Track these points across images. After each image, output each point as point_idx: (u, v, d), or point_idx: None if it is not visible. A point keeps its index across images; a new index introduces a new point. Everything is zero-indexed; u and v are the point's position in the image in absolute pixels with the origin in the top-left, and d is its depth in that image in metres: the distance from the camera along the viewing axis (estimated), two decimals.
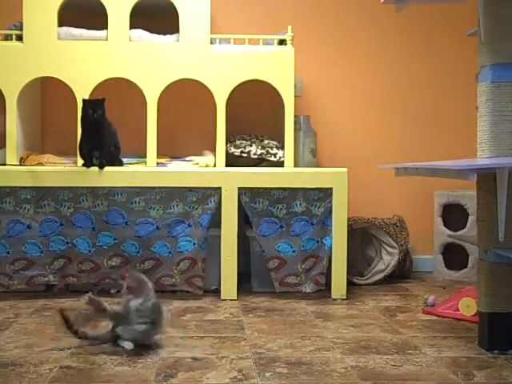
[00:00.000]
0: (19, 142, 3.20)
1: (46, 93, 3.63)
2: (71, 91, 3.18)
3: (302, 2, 3.79)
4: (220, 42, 3.31)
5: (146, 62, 3.23)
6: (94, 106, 3.01)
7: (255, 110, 3.64)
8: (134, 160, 3.27)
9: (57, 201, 3.04)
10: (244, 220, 3.19)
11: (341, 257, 3.09)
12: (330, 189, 3.11)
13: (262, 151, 3.34)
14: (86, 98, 3.10)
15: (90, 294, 2.31)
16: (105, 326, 2.36)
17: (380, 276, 3.48)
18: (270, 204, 3.11)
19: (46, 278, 3.05)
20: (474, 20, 2.38)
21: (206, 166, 3.26)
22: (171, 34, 3.30)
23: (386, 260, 3.50)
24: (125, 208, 3.05)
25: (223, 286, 3.07)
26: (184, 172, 3.13)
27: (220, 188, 3.07)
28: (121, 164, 3.17)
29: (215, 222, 3.08)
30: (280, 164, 3.30)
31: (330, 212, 3.11)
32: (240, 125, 3.47)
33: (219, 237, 3.07)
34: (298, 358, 2.21)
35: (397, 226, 3.54)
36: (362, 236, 3.58)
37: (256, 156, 3.33)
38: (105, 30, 3.23)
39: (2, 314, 2.76)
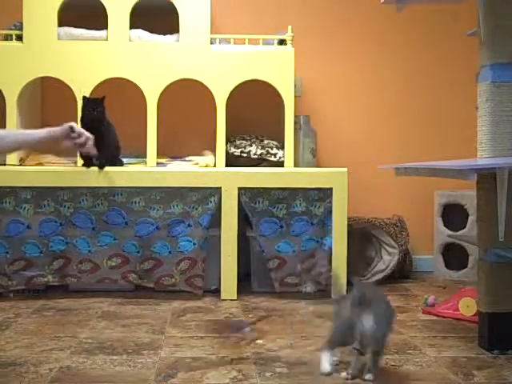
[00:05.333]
0: None
1: (46, 93, 3.62)
2: (71, 91, 3.18)
3: (302, 2, 3.79)
4: (220, 42, 3.30)
5: (146, 62, 3.23)
6: (93, 103, 3.02)
7: (255, 110, 3.64)
8: (134, 160, 3.27)
9: (57, 201, 3.04)
10: (244, 220, 3.19)
11: (341, 257, 3.09)
12: (330, 189, 3.11)
13: (262, 151, 3.34)
14: (87, 95, 3.10)
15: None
16: None
17: (380, 276, 3.48)
18: (270, 204, 3.11)
19: (46, 279, 3.05)
20: (474, 20, 2.38)
21: (206, 166, 3.26)
22: (171, 34, 3.30)
23: (386, 260, 3.50)
24: (125, 208, 3.05)
25: (223, 286, 3.07)
26: (184, 172, 3.13)
27: (220, 188, 3.07)
28: (121, 164, 3.17)
29: (215, 222, 3.08)
30: (280, 164, 3.30)
31: (330, 212, 3.11)
32: (240, 125, 3.47)
33: (219, 237, 3.07)
34: (298, 358, 2.21)
35: (397, 226, 3.54)
36: (361, 236, 3.58)
37: (256, 156, 3.33)
38: (105, 30, 3.23)
39: (2, 313, 2.76)
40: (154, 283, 3.10)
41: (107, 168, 3.05)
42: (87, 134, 2.41)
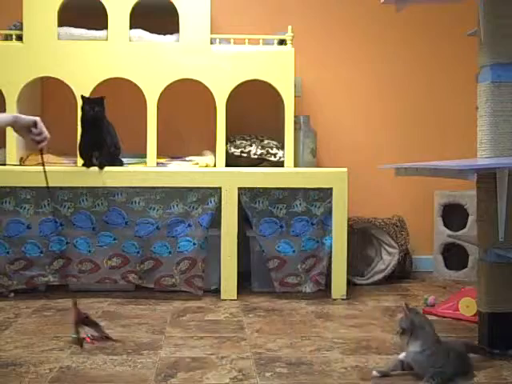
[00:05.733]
0: (19, 142, 3.20)
1: (46, 93, 3.62)
2: (71, 91, 3.18)
3: (302, 2, 3.79)
4: (220, 42, 3.30)
5: (146, 62, 3.23)
6: (93, 103, 3.02)
7: (255, 110, 3.64)
8: (134, 160, 3.27)
9: (57, 201, 3.04)
10: (244, 220, 3.19)
11: (341, 257, 3.09)
12: (330, 189, 3.11)
13: (262, 151, 3.34)
14: (85, 95, 3.10)
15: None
16: None
17: (380, 276, 3.48)
18: (270, 204, 3.11)
19: (46, 278, 3.05)
20: (473, 20, 2.38)
21: (206, 166, 3.26)
22: (171, 34, 3.30)
23: (386, 260, 3.50)
24: (125, 208, 3.05)
25: (223, 286, 3.07)
26: (184, 172, 3.13)
27: (220, 188, 3.07)
28: (121, 164, 3.17)
29: (215, 222, 3.08)
30: (280, 164, 3.30)
31: (330, 212, 3.11)
32: (240, 125, 3.47)
33: (219, 237, 3.07)
34: (298, 358, 2.21)
35: (397, 226, 3.54)
36: (362, 236, 3.58)
37: (256, 156, 3.33)
38: (105, 30, 3.23)
39: (2, 313, 2.76)
40: (154, 283, 3.10)
41: (107, 168, 3.05)
42: (47, 134, 2.32)
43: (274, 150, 3.35)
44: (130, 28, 3.23)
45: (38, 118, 2.30)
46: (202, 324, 2.64)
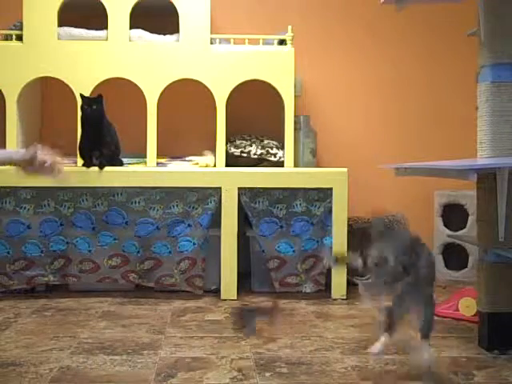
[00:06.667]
0: (19, 142, 3.20)
1: (46, 93, 3.62)
2: (71, 91, 3.18)
3: (302, 2, 3.79)
4: (220, 42, 3.31)
5: (146, 62, 3.23)
6: (90, 101, 3.03)
7: (255, 110, 3.64)
8: (134, 160, 3.27)
9: (57, 201, 3.04)
10: (244, 220, 3.19)
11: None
12: (330, 189, 3.11)
13: (262, 151, 3.34)
14: (84, 94, 3.10)
15: None
16: None
17: None
18: (270, 204, 3.11)
19: (46, 278, 3.05)
20: (473, 20, 2.38)
21: (206, 166, 3.26)
22: (171, 34, 3.30)
23: None
24: (125, 208, 3.05)
25: (223, 286, 3.07)
26: (184, 172, 3.13)
27: (220, 188, 3.07)
28: (121, 164, 3.17)
29: (215, 222, 3.08)
30: (280, 164, 3.30)
31: (330, 212, 3.11)
32: (240, 125, 3.47)
33: (219, 237, 3.07)
34: (298, 358, 2.21)
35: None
36: (361, 236, 3.58)
37: (256, 156, 3.33)
38: (105, 30, 3.23)
39: (2, 313, 2.76)
40: (154, 283, 3.10)
41: (107, 168, 3.05)
42: (52, 159, 1.99)
43: (274, 150, 3.35)
44: (130, 28, 3.23)
45: (34, 152, 1.95)
46: (202, 324, 2.64)
